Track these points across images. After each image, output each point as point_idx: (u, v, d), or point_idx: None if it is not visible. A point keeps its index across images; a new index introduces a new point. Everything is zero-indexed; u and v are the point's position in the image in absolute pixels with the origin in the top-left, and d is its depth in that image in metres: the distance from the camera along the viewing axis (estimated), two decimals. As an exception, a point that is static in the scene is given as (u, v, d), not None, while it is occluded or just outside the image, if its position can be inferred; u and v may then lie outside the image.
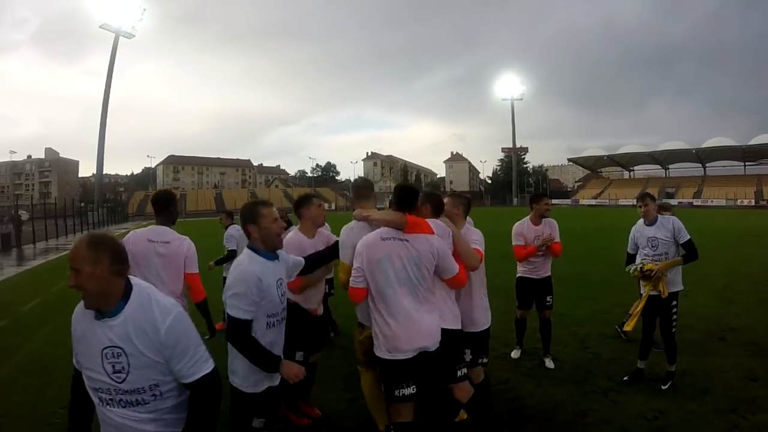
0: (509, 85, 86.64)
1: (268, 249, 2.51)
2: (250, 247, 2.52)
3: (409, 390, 2.72)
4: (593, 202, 72.63)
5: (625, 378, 4.48)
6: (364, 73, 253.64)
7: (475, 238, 3.31)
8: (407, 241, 2.77)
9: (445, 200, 3.34)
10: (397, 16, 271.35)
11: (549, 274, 5.06)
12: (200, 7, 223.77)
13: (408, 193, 2.95)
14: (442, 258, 2.83)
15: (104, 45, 54.44)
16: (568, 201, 78.15)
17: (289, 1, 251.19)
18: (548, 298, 5.05)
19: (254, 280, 2.34)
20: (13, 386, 4.76)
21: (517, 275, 5.16)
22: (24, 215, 24.80)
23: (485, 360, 3.51)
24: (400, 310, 2.73)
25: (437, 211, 3.14)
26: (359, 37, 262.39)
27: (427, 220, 2.96)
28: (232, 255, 6.22)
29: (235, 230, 6.44)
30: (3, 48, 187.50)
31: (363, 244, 2.82)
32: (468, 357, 3.23)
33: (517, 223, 5.00)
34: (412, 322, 2.72)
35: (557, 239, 4.90)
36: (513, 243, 4.94)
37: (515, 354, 5.30)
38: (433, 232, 2.85)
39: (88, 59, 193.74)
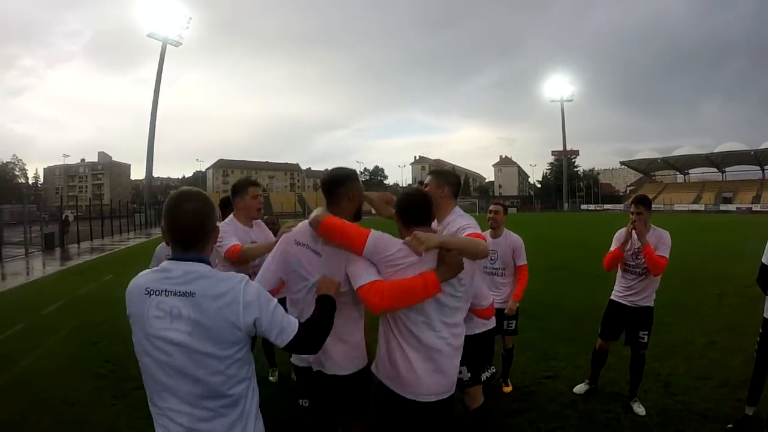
0: (558, 86, 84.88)
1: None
2: None
3: None
4: (648, 207, 69.15)
5: (729, 426, 3.53)
6: (411, 77, 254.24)
7: (465, 223, 2.45)
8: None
9: (427, 180, 2.69)
10: (442, 18, 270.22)
11: (651, 303, 4.02)
12: (247, 14, 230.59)
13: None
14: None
15: (154, 55, 56.29)
16: (620, 206, 75.01)
17: (335, 6, 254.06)
18: (642, 334, 4.00)
19: None
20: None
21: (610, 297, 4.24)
22: (70, 216, 25.30)
23: (491, 371, 3.08)
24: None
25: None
26: (406, 39, 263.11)
27: None
28: None
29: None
30: (58, 59, 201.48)
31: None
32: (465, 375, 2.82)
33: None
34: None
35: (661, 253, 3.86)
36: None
37: (579, 389, 4.28)
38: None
39: (140, 68, 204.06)
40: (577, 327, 6.17)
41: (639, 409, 3.90)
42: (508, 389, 4.40)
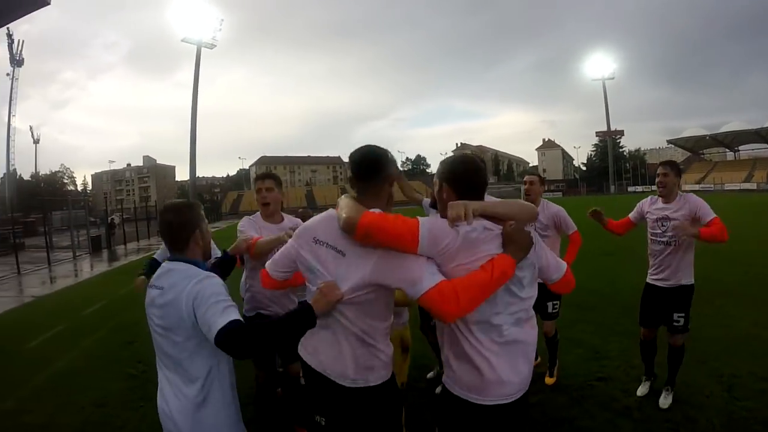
0: (599, 64, 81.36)
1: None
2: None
3: None
4: (697, 187, 65.97)
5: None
6: (447, 63, 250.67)
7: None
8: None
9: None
10: (474, 1, 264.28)
11: (686, 281, 3.54)
12: (279, 10, 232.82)
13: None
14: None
15: (191, 58, 57.65)
16: (669, 186, 71.68)
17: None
18: (677, 317, 3.52)
19: None
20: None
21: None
22: (116, 219, 26.17)
23: None
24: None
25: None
26: (439, 25, 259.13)
27: None
28: None
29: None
30: (98, 70, 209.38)
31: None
32: None
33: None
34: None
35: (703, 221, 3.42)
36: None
37: (642, 390, 3.79)
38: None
39: (178, 73, 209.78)
40: (631, 320, 5.55)
41: (664, 400, 3.52)
42: (551, 381, 4.05)
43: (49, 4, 15.84)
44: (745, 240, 11.16)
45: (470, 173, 1.82)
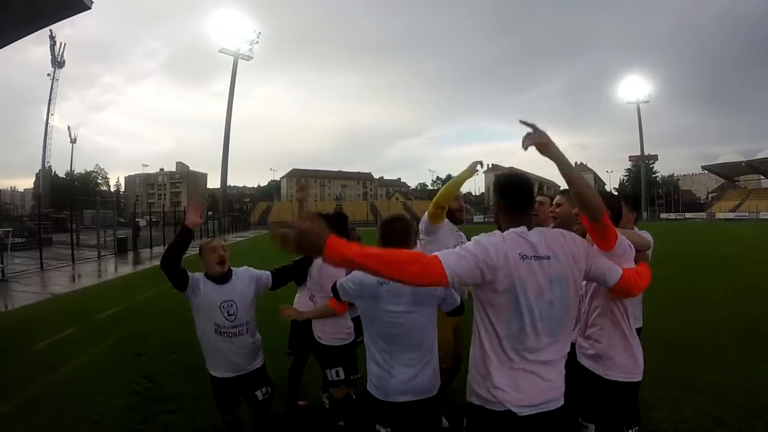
0: (633, 87, 79.77)
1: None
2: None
3: None
4: (731, 215, 63.63)
5: None
6: (481, 82, 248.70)
7: None
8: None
9: (558, 198, 2.75)
10: (507, 22, 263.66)
11: None
12: (316, 25, 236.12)
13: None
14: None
15: (228, 69, 58.70)
16: (702, 215, 69.73)
17: (400, 15, 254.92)
18: None
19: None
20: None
21: None
22: (141, 222, 26.45)
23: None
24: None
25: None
26: (474, 44, 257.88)
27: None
28: None
29: None
30: (137, 76, 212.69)
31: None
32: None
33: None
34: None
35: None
36: None
37: None
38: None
39: (215, 83, 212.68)
40: (676, 364, 5.04)
41: None
42: None
43: (89, 8, 16.10)
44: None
45: (505, 186, 1.95)
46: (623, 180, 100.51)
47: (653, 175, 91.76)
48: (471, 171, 3.54)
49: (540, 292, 1.77)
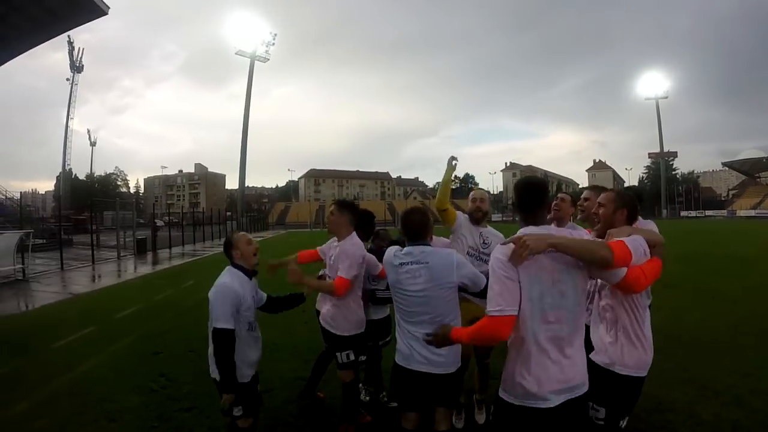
0: (652, 83, 78.31)
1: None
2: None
3: None
4: (753, 212, 62.19)
5: None
6: (498, 81, 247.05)
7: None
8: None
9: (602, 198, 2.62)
10: (525, 19, 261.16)
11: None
12: (332, 26, 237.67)
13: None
14: None
15: (246, 70, 59.08)
16: (723, 212, 68.35)
17: (417, 14, 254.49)
18: None
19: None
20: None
21: None
22: (160, 223, 26.80)
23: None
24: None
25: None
26: (491, 42, 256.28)
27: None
28: None
29: None
30: (155, 79, 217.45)
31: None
32: None
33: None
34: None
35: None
36: None
37: None
38: None
39: (233, 84, 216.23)
40: (694, 365, 4.92)
41: None
42: None
43: (106, 13, 16.34)
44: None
45: (518, 190, 2.18)
46: (642, 177, 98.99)
47: (673, 173, 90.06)
48: (449, 167, 3.86)
49: (552, 283, 1.99)
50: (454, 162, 3.87)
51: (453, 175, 3.92)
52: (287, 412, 3.99)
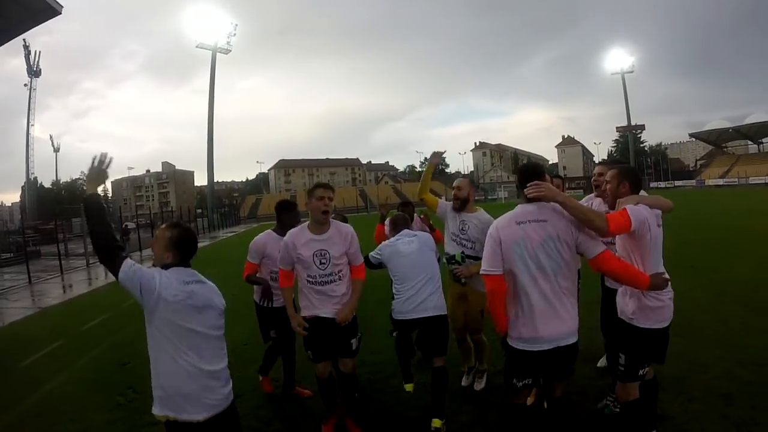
0: (618, 58, 79.30)
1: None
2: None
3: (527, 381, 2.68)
4: (721, 182, 64.02)
5: None
6: (466, 61, 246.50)
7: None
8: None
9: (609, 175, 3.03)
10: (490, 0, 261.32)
11: None
12: (296, 16, 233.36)
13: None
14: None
15: (208, 64, 57.74)
16: (692, 182, 70.13)
17: None
18: None
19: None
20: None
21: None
22: (129, 225, 26.26)
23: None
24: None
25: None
26: (456, 25, 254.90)
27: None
28: None
29: None
30: (117, 79, 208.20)
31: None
32: None
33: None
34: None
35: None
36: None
37: None
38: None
39: (196, 79, 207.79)
40: (680, 338, 4.43)
41: None
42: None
43: (59, 13, 15.69)
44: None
45: (521, 173, 2.73)
46: (611, 151, 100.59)
47: (641, 145, 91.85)
48: (432, 161, 4.46)
49: (536, 248, 2.53)
50: (434, 160, 4.46)
51: (421, 158, 4.31)
52: (259, 418, 3.95)
